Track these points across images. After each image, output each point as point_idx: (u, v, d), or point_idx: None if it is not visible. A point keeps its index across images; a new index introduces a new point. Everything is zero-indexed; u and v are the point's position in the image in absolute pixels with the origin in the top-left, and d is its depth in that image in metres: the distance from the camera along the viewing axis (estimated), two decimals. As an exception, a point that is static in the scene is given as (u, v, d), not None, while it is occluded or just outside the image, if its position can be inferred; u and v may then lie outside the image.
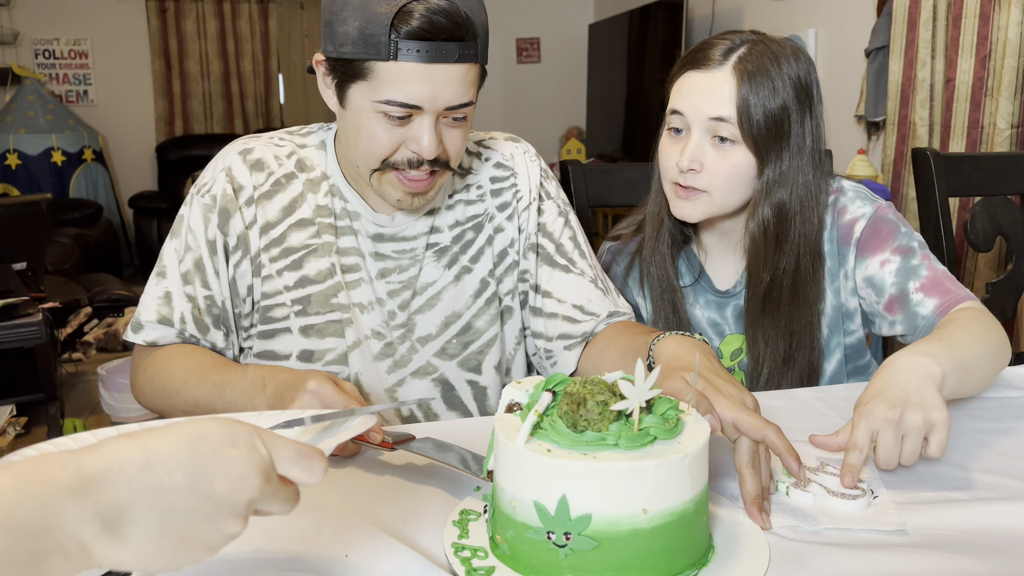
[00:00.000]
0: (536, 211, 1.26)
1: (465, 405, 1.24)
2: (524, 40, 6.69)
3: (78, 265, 4.66)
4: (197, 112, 6.21)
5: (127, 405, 2.95)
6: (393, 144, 1.08)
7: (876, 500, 0.84)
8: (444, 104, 1.05)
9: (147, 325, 1.17)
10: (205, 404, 1.07)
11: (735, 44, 1.20)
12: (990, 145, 2.74)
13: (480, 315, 1.23)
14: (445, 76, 1.03)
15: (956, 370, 0.95)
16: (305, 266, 1.18)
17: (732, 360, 1.34)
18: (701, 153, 1.20)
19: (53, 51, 5.94)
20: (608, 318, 1.23)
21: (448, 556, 0.74)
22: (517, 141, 1.32)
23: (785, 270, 1.24)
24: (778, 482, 0.87)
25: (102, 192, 5.78)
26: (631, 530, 0.67)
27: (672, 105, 1.23)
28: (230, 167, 1.19)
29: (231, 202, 1.17)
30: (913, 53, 3.03)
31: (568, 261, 1.26)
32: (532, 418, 0.71)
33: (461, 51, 1.03)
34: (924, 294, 1.19)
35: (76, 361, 3.85)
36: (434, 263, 1.22)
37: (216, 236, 1.17)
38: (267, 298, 1.18)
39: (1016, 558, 0.74)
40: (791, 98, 1.19)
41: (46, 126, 5.54)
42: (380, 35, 1.01)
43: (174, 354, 1.15)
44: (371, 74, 1.04)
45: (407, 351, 1.21)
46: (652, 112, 4.80)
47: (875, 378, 0.93)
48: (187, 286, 1.16)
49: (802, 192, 1.23)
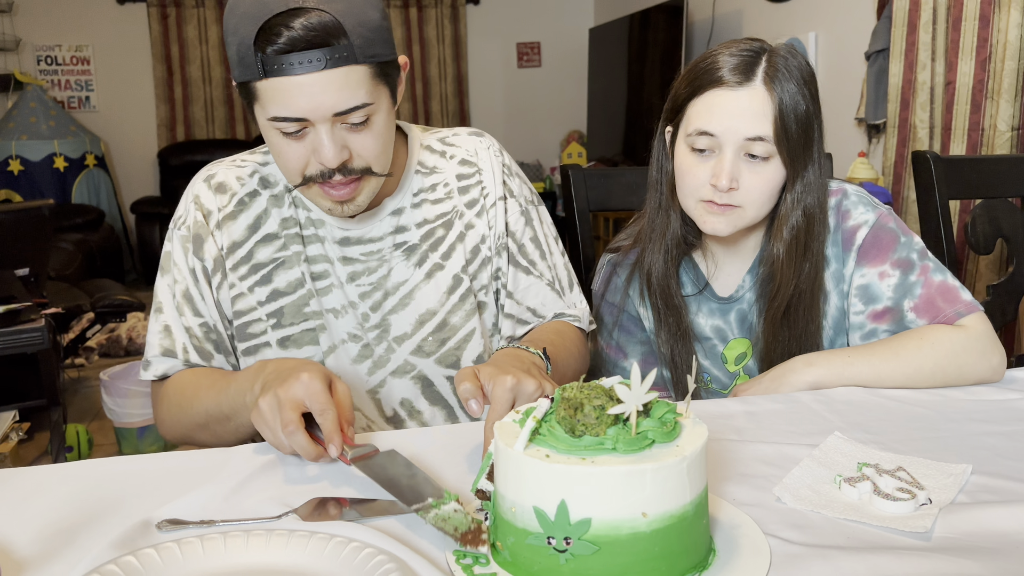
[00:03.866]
0: (503, 210, 1.27)
1: (446, 400, 1.25)
2: (524, 44, 6.70)
3: (80, 271, 4.67)
4: (199, 117, 6.22)
5: (129, 410, 2.95)
6: (301, 159, 1.08)
7: (924, 507, 0.83)
8: (330, 111, 1.04)
9: (154, 360, 1.20)
10: (214, 406, 1.09)
11: (753, 57, 1.19)
12: (991, 147, 2.74)
13: (455, 311, 1.24)
14: (321, 84, 1.02)
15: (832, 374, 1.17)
16: (275, 279, 1.20)
17: (736, 365, 1.34)
18: (736, 171, 1.19)
19: (55, 57, 5.96)
20: (552, 320, 1.27)
21: (450, 563, 0.74)
22: (480, 135, 1.32)
23: (807, 276, 1.25)
24: (836, 476, 0.88)
25: (104, 198, 5.79)
26: (631, 534, 0.67)
27: (699, 126, 1.19)
28: (197, 195, 1.22)
29: (202, 228, 1.20)
30: (913, 56, 3.03)
31: (529, 263, 1.28)
32: (530, 424, 0.71)
33: (329, 56, 1.02)
34: (916, 315, 1.23)
35: (78, 367, 3.86)
36: (403, 262, 1.23)
37: (194, 263, 1.20)
38: (241, 316, 1.21)
39: (1018, 561, 0.74)
40: (810, 101, 1.20)
41: (48, 132, 5.56)
42: (248, 56, 1.02)
43: (183, 377, 1.18)
44: (256, 94, 1.05)
45: (384, 351, 1.22)
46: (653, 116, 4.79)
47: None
48: (182, 317, 1.20)
49: (821, 196, 1.24)
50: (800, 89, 1.18)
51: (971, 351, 1.18)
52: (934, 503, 0.84)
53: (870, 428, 1.04)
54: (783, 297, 1.25)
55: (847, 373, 1.18)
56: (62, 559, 0.76)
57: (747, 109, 1.17)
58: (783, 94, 1.17)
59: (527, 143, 6.56)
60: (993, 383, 1.19)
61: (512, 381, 0.93)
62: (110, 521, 0.83)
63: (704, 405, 1.14)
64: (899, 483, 0.86)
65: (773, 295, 1.26)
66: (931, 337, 1.19)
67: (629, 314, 1.37)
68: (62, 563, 0.75)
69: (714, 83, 1.19)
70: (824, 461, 0.94)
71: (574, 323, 1.30)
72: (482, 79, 6.66)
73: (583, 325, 1.31)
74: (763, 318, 1.28)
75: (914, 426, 1.05)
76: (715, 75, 1.19)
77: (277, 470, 0.94)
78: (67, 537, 0.80)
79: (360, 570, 0.71)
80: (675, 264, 1.31)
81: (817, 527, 0.80)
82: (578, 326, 1.30)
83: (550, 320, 1.29)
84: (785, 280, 1.25)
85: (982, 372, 1.18)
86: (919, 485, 0.86)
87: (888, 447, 0.98)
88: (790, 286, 1.25)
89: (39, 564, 0.75)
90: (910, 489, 0.85)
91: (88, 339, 3.92)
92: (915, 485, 0.86)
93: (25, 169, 5.50)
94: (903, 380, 1.17)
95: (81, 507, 0.85)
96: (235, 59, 1.05)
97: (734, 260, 1.33)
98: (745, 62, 1.18)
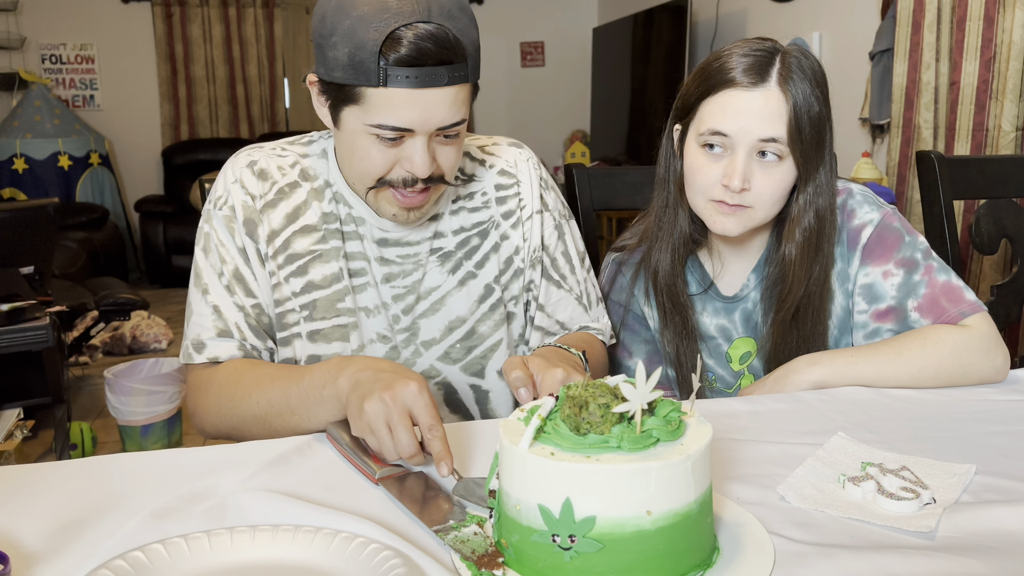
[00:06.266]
0: (539, 224, 1.27)
1: (467, 408, 1.25)
2: (528, 44, 6.70)
3: (85, 269, 4.68)
4: (203, 116, 6.23)
5: (133, 408, 2.95)
6: (387, 164, 1.09)
7: (928, 506, 0.83)
8: (436, 125, 1.06)
9: (209, 343, 1.15)
10: (279, 399, 1.04)
11: (767, 57, 1.18)
12: (995, 148, 2.73)
13: (484, 320, 1.24)
14: (436, 99, 1.03)
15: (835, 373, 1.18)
16: (311, 271, 1.19)
17: (741, 364, 1.34)
18: (748, 172, 1.19)
19: (60, 56, 5.97)
20: (579, 331, 1.27)
21: (455, 561, 0.74)
22: (520, 147, 1.32)
23: (816, 278, 1.25)
24: (840, 475, 0.89)
25: (108, 196, 5.80)
26: (635, 532, 0.67)
27: (712, 126, 1.19)
28: (240, 178, 1.20)
29: (253, 212, 1.18)
30: (917, 56, 3.03)
31: (560, 277, 1.29)
32: (535, 422, 0.72)
33: (451, 74, 1.03)
34: (920, 314, 1.23)
35: (83, 365, 3.87)
36: (438, 268, 1.22)
37: (246, 243, 1.18)
38: (279, 305, 1.19)
39: (1021, 560, 0.74)
40: (823, 103, 1.19)
41: (53, 131, 5.57)
42: (369, 62, 1.01)
43: (240, 365, 1.14)
44: (362, 99, 1.04)
45: (411, 355, 1.21)
46: (656, 116, 4.79)
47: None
48: (233, 297, 1.17)
49: (831, 198, 1.24)
50: (813, 90, 1.18)
51: (975, 351, 1.18)
52: (938, 503, 0.84)
53: (874, 428, 1.04)
54: (794, 299, 1.25)
55: (850, 373, 1.18)
56: (69, 555, 0.76)
57: (761, 110, 1.17)
58: (797, 95, 1.16)
59: (530, 143, 6.39)
60: (997, 383, 1.19)
61: (563, 374, 0.94)
62: (116, 517, 0.83)
63: (708, 404, 1.14)
64: (903, 483, 0.86)
65: (784, 297, 1.26)
66: (935, 337, 1.19)
67: (634, 313, 1.37)
68: (69, 559, 0.76)
69: (727, 83, 1.19)
70: (828, 460, 0.94)
71: (598, 336, 1.31)
72: (486, 78, 6.51)
73: (606, 339, 1.32)
74: (772, 319, 1.28)
75: (918, 426, 1.05)
76: (728, 75, 1.19)
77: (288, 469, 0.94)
78: (74, 533, 0.80)
79: (366, 566, 0.71)
80: (682, 263, 1.31)
81: (821, 526, 0.80)
82: (601, 339, 1.31)
83: (576, 331, 1.29)
84: (797, 282, 1.25)
85: (986, 372, 1.18)
86: (923, 485, 0.86)
87: (892, 447, 0.98)
88: (801, 288, 1.25)
89: (46, 559, 0.76)
90: (914, 489, 0.85)
91: (92, 337, 3.93)
92: (919, 485, 0.86)
93: (30, 167, 5.52)
94: (907, 380, 1.17)
95: (87, 503, 0.86)
96: (345, 62, 1.02)
97: (739, 259, 1.33)
98: (759, 62, 1.18)
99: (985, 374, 1.18)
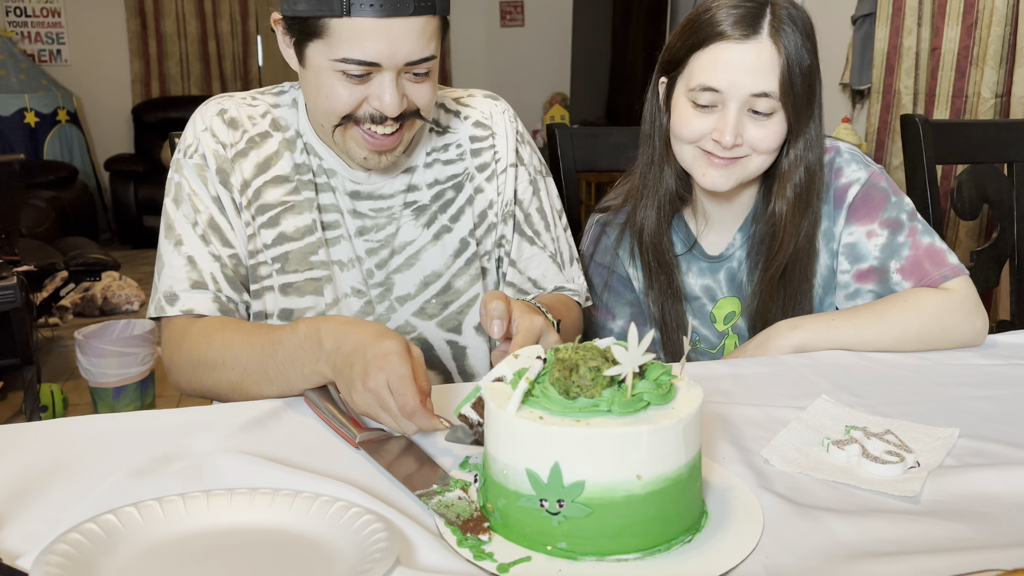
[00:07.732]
0: (513, 177, 1.25)
1: (444, 364, 1.23)
2: (507, 3, 6.59)
3: (53, 229, 4.58)
4: (174, 73, 6.09)
5: (104, 370, 2.91)
6: (355, 101, 1.06)
7: (913, 470, 0.83)
8: (403, 59, 1.03)
9: (182, 294, 1.11)
10: (255, 368, 1.01)
11: (757, 8, 1.15)
12: (974, 114, 2.73)
13: (460, 275, 1.22)
14: (402, 30, 1.01)
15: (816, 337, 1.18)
16: (282, 223, 1.16)
17: (725, 324, 1.34)
18: (740, 127, 1.17)
19: (24, 8, 5.79)
20: (554, 291, 1.25)
21: (439, 526, 0.73)
22: (496, 99, 1.30)
23: (806, 234, 1.24)
24: (824, 439, 0.88)
25: (77, 154, 5.67)
26: (625, 496, 0.66)
27: (703, 81, 1.16)
28: (212, 127, 1.16)
29: (225, 161, 1.15)
30: (899, 20, 3.01)
31: (534, 233, 1.26)
32: (523, 385, 0.70)
33: (417, 3, 1.00)
34: (902, 276, 1.23)
35: (52, 326, 3.80)
36: (412, 222, 1.20)
37: (220, 192, 1.14)
38: (252, 256, 1.16)
39: (1006, 524, 0.74)
40: (813, 55, 1.18)
41: (18, 86, 5.42)
42: None
43: (211, 325, 1.10)
44: (327, 32, 1.02)
45: (386, 310, 1.20)
46: (636, 79, 4.75)
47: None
48: (209, 246, 1.13)
49: (820, 153, 1.23)
50: (804, 42, 1.16)
51: (955, 313, 1.18)
52: (922, 466, 0.84)
53: (857, 391, 1.04)
54: (784, 256, 1.24)
55: (832, 336, 1.17)
56: (39, 518, 0.74)
57: (753, 63, 1.14)
58: (789, 47, 1.14)
59: (509, 104, 6.47)
60: (976, 347, 1.20)
61: (542, 324, 0.92)
62: (88, 480, 0.81)
63: (690, 368, 1.13)
64: (887, 446, 0.86)
65: (773, 254, 1.25)
66: (915, 300, 1.19)
67: (618, 275, 1.35)
68: (39, 522, 0.73)
69: (717, 36, 1.16)
70: (812, 424, 0.94)
71: (574, 297, 1.29)
72: (464, 38, 6.55)
73: (581, 300, 1.30)
74: (760, 277, 1.27)
75: (901, 390, 1.05)
76: (718, 27, 1.16)
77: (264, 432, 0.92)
78: (43, 496, 0.78)
79: (347, 530, 0.70)
80: (667, 220, 1.29)
81: (807, 490, 0.80)
82: (577, 300, 1.29)
83: (551, 292, 1.26)
84: (788, 239, 1.24)
85: (965, 334, 1.19)
86: (907, 448, 0.86)
87: (875, 410, 0.98)
88: (791, 245, 1.24)
89: (15, 522, 0.73)
90: (898, 452, 0.84)
91: (62, 298, 3.86)
92: (903, 448, 0.86)
93: (-6, 124, 5.38)
94: (889, 343, 1.17)
95: (57, 466, 0.83)
96: None
97: (725, 218, 1.32)
98: (749, 14, 1.15)
99: (965, 337, 1.19)
